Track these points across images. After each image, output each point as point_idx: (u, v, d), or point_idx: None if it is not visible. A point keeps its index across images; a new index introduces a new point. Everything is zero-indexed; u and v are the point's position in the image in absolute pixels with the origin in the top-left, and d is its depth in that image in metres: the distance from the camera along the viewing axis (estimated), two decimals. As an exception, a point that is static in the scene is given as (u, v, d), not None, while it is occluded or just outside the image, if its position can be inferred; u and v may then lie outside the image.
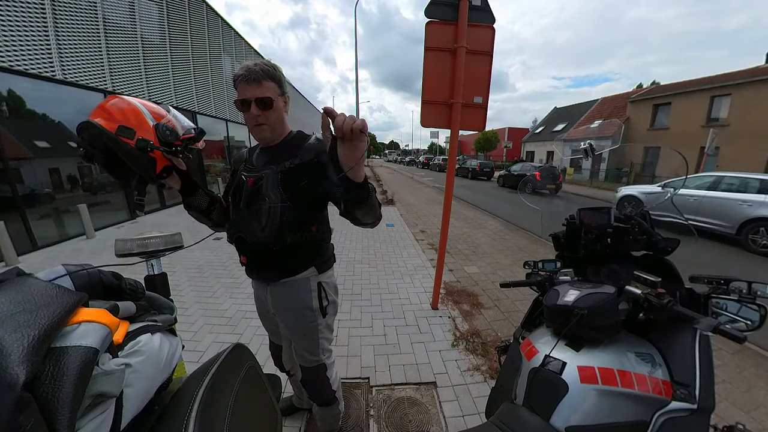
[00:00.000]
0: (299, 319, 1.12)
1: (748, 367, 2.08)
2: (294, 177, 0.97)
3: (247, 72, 0.90)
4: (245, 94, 0.92)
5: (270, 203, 0.97)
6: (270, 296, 1.14)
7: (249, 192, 1.01)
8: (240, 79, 0.91)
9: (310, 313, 1.11)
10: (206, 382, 0.49)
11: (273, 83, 0.94)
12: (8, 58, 4.22)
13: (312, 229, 1.04)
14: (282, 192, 0.97)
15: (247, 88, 0.91)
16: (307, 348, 1.17)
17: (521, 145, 29.06)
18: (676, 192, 1.17)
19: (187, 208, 1.04)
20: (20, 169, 4.43)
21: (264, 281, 1.12)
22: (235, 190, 1.06)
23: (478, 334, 2.33)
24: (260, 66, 0.91)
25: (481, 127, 2.42)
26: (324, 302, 1.13)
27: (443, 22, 2.12)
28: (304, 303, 1.10)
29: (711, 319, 0.68)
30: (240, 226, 1.03)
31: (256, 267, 1.09)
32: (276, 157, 1.01)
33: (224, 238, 4.80)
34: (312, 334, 1.14)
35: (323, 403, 1.28)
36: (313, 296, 1.10)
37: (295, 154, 1.00)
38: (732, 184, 5.35)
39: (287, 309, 1.13)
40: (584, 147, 1.24)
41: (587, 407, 0.68)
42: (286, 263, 1.04)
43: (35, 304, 0.35)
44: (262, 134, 1.00)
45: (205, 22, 9.52)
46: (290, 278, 1.07)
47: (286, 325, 1.18)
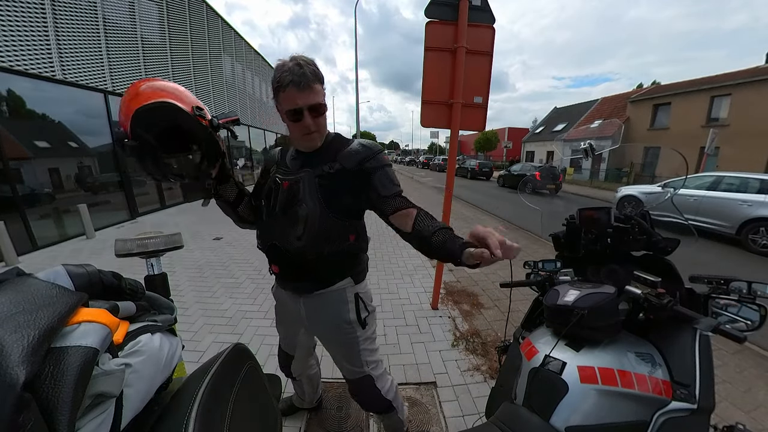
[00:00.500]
0: (336, 332, 1.07)
1: (748, 367, 2.08)
2: (333, 183, 0.90)
3: (297, 76, 0.79)
4: (296, 101, 0.82)
5: (307, 210, 0.90)
6: (303, 307, 1.07)
7: (284, 196, 0.94)
8: (288, 84, 0.80)
9: (348, 326, 1.05)
10: (206, 382, 0.49)
11: (321, 85, 0.85)
12: (8, 58, 4.22)
13: (350, 238, 0.97)
14: (320, 198, 0.90)
15: (299, 94, 0.81)
16: (347, 360, 1.11)
17: (521, 145, 29.05)
18: (676, 192, 1.17)
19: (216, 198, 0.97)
20: (20, 169, 4.43)
21: (297, 292, 1.05)
22: (269, 192, 0.99)
23: (478, 334, 2.33)
24: (307, 67, 0.81)
25: (481, 127, 2.42)
26: (363, 314, 1.06)
27: (443, 22, 2.12)
28: (341, 315, 1.04)
29: (711, 319, 0.68)
30: (274, 232, 0.96)
31: (289, 277, 1.03)
32: (313, 161, 0.93)
33: (224, 238, 4.76)
34: (351, 346, 1.08)
35: (378, 411, 1.22)
36: (350, 308, 1.04)
37: (334, 159, 0.92)
38: (732, 184, 5.35)
39: (323, 321, 1.07)
40: (584, 147, 1.24)
41: (587, 407, 0.68)
42: (322, 274, 0.98)
43: (35, 304, 0.35)
44: (313, 143, 0.92)
45: (205, 22, 9.52)
46: (325, 290, 1.01)
47: (321, 337, 1.13)
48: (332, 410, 1.65)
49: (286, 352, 1.32)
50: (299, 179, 0.93)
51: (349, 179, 0.91)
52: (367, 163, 0.90)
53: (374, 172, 0.90)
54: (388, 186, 0.90)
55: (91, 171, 5.68)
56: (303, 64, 0.81)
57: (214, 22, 10.07)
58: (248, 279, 3.36)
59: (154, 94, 0.71)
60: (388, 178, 0.91)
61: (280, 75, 0.80)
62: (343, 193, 0.91)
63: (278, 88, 0.82)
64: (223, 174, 0.92)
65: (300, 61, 0.81)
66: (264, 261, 4.27)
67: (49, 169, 4.89)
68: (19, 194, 4.32)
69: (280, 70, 0.81)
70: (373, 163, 0.91)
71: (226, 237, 5.03)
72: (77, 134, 5.34)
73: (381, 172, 0.91)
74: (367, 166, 0.90)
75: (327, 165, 0.92)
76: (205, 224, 6.00)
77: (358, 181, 0.91)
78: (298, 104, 0.82)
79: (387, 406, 1.19)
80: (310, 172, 0.92)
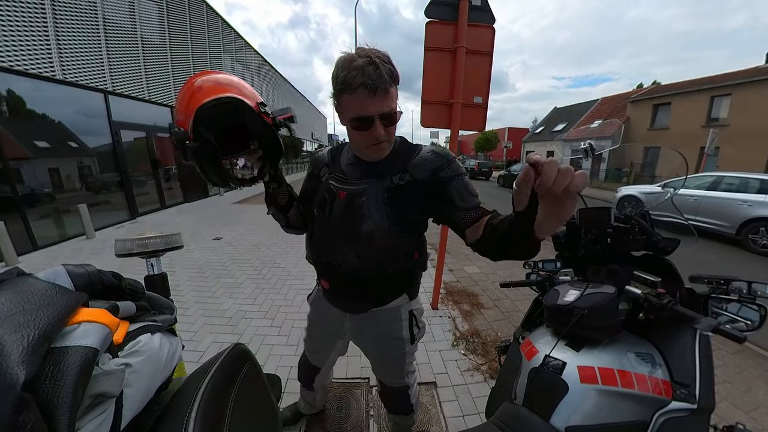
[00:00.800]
0: (385, 348, 1.01)
1: (748, 367, 2.08)
2: (403, 196, 0.80)
3: (371, 79, 0.65)
4: (367, 108, 0.69)
5: (373, 225, 0.79)
6: (349, 321, 1.00)
7: (342, 208, 0.82)
8: (358, 87, 0.66)
9: (398, 341, 0.99)
10: (206, 382, 0.49)
11: (397, 86, 0.73)
12: (8, 58, 4.22)
13: (415, 256, 0.89)
14: (388, 213, 0.80)
15: (371, 101, 0.68)
16: (391, 372, 1.08)
17: (521, 145, 29.06)
18: (676, 192, 1.17)
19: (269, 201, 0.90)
20: (20, 169, 4.43)
21: (347, 311, 0.98)
22: (322, 201, 0.87)
23: (478, 334, 2.33)
24: (384, 66, 0.67)
25: (481, 127, 2.42)
26: (414, 330, 1.00)
27: (443, 22, 2.12)
28: (393, 333, 0.97)
29: (711, 319, 0.68)
30: (329, 248, 0.86)
31: (340, 296, 0.95)
32: (378, 170, 0.82)
33: (224, 238, 4.74)
34: (397, 360, 1.03)
35: (398, 412, 1.21)
36: (403, 325, 0.97)
37: (404, 168, 0.81)
38: (732, 184, 5.36)
39: (370, 337, 1.01)
40: (584, 147, 1.24)
41: (587, 407, 0.68)
42: (380, 294, 0.90)
43: (35, 304, 0.35)
44: (381, 154, 0.80)
45: (205, 22, 9.52)
46: (379, 308, 0.94)
47: (365, 349, 1.09)
48: (332, 410, 1.65)
49: (314, 365, 1.23)
50: (363, 191, 0.81)
51: (422, 191, 0.80)
52: (441, 172, 0.80)
53: (450, 181, 0.79)
54: (467, 197, 0.79)
55: (91, 171, 5.68)
56: (379, 63, 0.66)
57: (214, 22, 10.07)
58: (248, 279, 3.36)
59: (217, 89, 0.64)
60: (467, 189, 0.80)
61: (348, 74, 0.66)
62: (413, 207, 0.81)
63: (343, 89, 0.69)
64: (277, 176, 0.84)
65: (374, 58, 0.67)
66: (264, 261, 4.25)
67: (49, 169, 4.89)
68: (19, 194, 4.32)
69: (348, 68, 0.67)
70: (449, 172, 0.80)
71: (226, 237, 5.03)
72: (77, 134, 5.34)
73: (457, 182, 0.80)
74: (442, 176, 0.80)
75: (397, 176, 0.81)
76: (205, 224, 6.00)
77: (430, 192, 0.80)
78: (369, 112, 0.70)
79: (410, 409, 1.19)
80: (376, 183, 0.81)
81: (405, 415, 1.22)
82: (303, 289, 3.11)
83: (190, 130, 0.62)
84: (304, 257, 1.02)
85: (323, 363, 1.22)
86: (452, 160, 0.83)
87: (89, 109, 5.61)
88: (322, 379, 1.30)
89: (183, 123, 0.63)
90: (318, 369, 1.24)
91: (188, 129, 0.62)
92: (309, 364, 1.25)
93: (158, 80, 7.31)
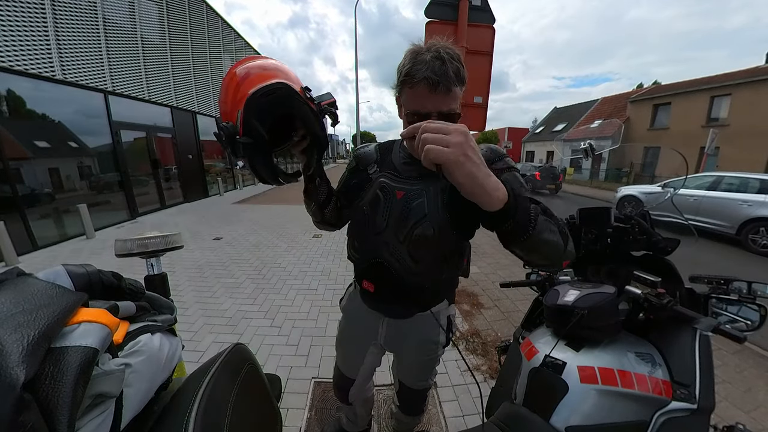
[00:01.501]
0: (419, 351, 0.98)
1: (748, 367, 2.08)
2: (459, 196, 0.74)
3: (435, 74, 0.63)
4: (424, 104, 0.67)
5: (433, 228, 0.74)
6: (385, 329, 0.97)
7: (400, 208, 0.77)
8: (420, 81, 0.64)
9: (434, 346, 0.96)
10: (206, 382, 0.49)
11: (461, 88, 0.69)
12: (8, 58, 4.22)
13: (464, 261, 0.87)
14: (449, 215, 0.75)
15: (430, 97, 0.65)
16: (420, 376, 1.05)
17: (521, 145, 29.06)
18: (676, 192, 1.17)
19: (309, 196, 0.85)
20: (20, 169, 4.43)
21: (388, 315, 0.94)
22: (374, 200, 0.81)
23: (478, 334, 2.33)
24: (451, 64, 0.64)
25: (481, 127, 2.42)
26: (450, 334, 0.97)
27: (443, 22, 2.12)
28: (430, 338, 0.95)
29: (711, 319, 0.68)
30: (382, 249, 0.80)
31: (385, 300, 0.90)
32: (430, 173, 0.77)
33: (224, 238, 4.73)
34: (429, 364, 1.02)
35: (411, 413, 1.18)
36: (441, 330, 0.94)
37: None
38: (732, 184, 5.36)
39: (406, 341, 0.97)
40: (584, 147, 1.25)
41: (587, 407, 0.68)
42: (426, 299, 0.87)
43: (35, 304, 0.35)
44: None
45: (205, 22, 9.53)
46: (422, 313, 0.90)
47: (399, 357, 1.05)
48: (332, 410, 1.65)
49: (347, 376, 1.14)
50: (421, 191, 0.76)
51: None
52: (494, 164, 0.74)
53: (502, 172, 0.72)
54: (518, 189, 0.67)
55: (91, 171, 5.68)
56: (446, 59, 0.64)
57: (214, 22, 10.07)
58: (248, 279, 3.36)
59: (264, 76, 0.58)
60: (519, 182, 0.73)
61: (412, 67, 0.65)
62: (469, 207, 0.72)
63: (406, 81, 0.67)
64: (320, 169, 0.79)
65: (443, 53, 0.64)
66: (264, 261, 4.25)
67: (49, 169, 4.90)
68: (19, 194, 4.32)
69: (414, 61, 0.65)
70: (501, 165, 0.75)
71: (226, 237, 5.03)
72: (77, 134, 5.34)
73: (510, 175, 0.73)
74: (495, 167, 0.73)
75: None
76: (205, 224, 6.00)
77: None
78: (427, 108, 0.67)
79: (421, 410, 1.18)
80: (435, 184, 0.76)
81: (416, 416, 1.20)
82: (303, 289, 3.11)
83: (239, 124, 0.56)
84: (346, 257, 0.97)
85: (356, 373, 1.11)
86: (504, 156, 0.79)
87: (89, 109, 5.61)
88: (358, 392, 1.17)
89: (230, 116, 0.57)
90: (351, 380, 1.14)
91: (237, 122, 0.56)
92: (341, 375, 1.16)
93: (158, 80, 7.31)
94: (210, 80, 9.74)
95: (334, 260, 3.90)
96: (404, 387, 1.09)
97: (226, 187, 10.73)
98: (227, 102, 0.59)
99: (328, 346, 2.19)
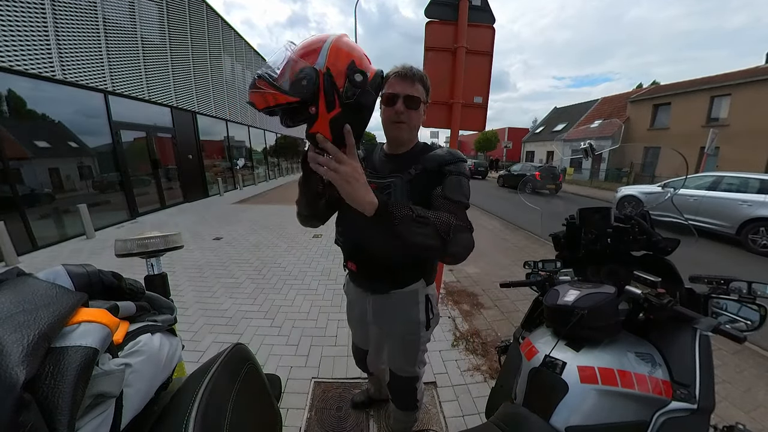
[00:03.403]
0: (401, 331, 1.10)
1: (748, 367, 2.08)
2: (418, 185, 0.92)
3: (403, 69, 0.89)
4: (395, 88, 0.88)
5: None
6: (371, 306, 1.11)
7: None
8: (394, 74, 0.89)
9: (415, 325, 1.08)
10: (206, 382, 0.49)
11: (423, 89, 0.91)
12: (8, 58, 4.22)
13: None
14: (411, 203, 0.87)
15: (400, 83, 0.88)
16: (405, 360, 1.15)
17: (521, 145, 29.05)
18: (676, 192, 1.17)
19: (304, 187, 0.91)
20: (20, 169, 4.43)
21: (370, 291, 1.09)
22: None
23: (478, 334, 2.33)
24: (416, 70, 0.90)
25: (481, 127, 2.42)
26: (429, 315, 1.09)
27: (443, 22, 2.12)
28: (411, 316, 1.07)
29: (711, 319, 0.68)
30: (361, 233, 0.97)
31: (366, 276, 1.06)
32: (402, 166, 0.95)
33: (224, 238, 4.75)
34: (412, 345, 1.12)
35: (404, 408, 1.27)
36: (420, 309, 1.07)
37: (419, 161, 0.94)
38: (732, 184, 5.36)
39: (391, 320, 1.10)
40: (584, 147, 1.25)
41: (587, 407, 0.68)
42: (399, 275, 1.01)
43: (35, 304, 0.35)
44: (400, 133, 0.94)
45: (205, 22, 9.52)
46: (399, 290, 1.04)
47: (386, 335, 1.16)
48: (332, 410, 1.65)
49: (360, 347, 1.38)
50: (390, 184, 0.94)
51: (429, 179, 0.90)
52: (447, 166, 0.90)
53: (450, 174, 0.89)
54: (456, 191, 0.87)
55: (91, 171, 5.68)
56: (413, 67, 0.90)
57: (214, 22, 10.07)
58: (248, 279, 3.36)
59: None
60: (461, 186, 0.88)
61: (390, 71, 0.89)
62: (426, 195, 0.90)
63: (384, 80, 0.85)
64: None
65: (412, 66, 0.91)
66: (264, 261, 4.26)
67: (49, 169, 4.89)
68: (19, 194, 4.32)
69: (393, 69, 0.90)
70: (453, 168, 0.90)
71: (226, 237, 5.03)
72: (77, 134, 5.34)
73: (456, 178, 0.89)
74: (446, 169, 0.90)
75: (413, 168, 0.94)
76: (205, 224, 6.00)
77: (433, 181, 0.90)
78: (396, 90, 0.88)
79: (414, 404, 1.27)
80: (401, 177, 0.93)
81: (410, 411, 1.28)
82: (303, 289, 3.11)
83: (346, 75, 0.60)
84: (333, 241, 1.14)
85: (367, 345, 1.33)
86: (462, 161, 0.92)
87: (89, 109, 5.61)
88: (374, 361, 1.37)
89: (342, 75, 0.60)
90: (364, 351, 1.37)
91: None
92: (356, 347, 1.41)
93: (158, 80, 7.31)
94: (210, 80, 9.74)
95: (334, 260, 3.90)
96: (393, 376, 1.20)
97: (226, 187, 10.73)
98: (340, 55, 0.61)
99: (328, 346, 2.19)
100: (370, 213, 0.67)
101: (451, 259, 0.79)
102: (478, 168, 19.78)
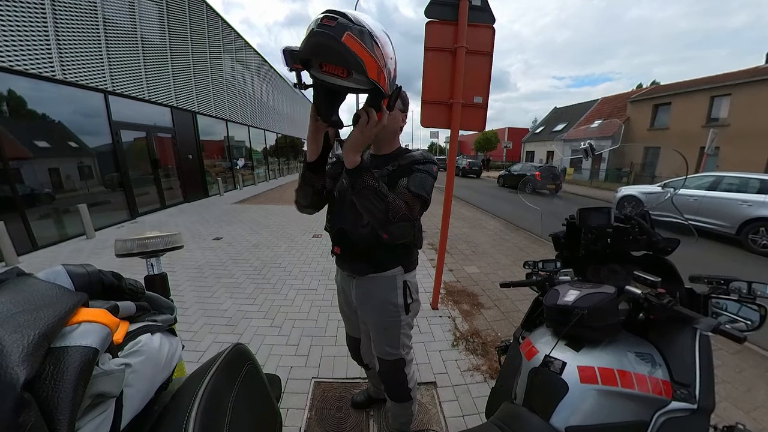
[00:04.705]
0: (382, 314, 1.17)
1: (748, 367, 2.08)
2: (393, 180, 1.03)
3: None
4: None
5: None
6: (354, 289, 1.20)
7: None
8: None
9: (394, 308, 1.16)
10: (206, 383, 0.49)
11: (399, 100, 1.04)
12: (8, 58, 4.22)
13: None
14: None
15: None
16: (387, 342, 1.21)
17: (521, 145, 29.04)
18: (676, 192, 1.17)
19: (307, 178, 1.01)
20: (20, 169, 4.43)
21: (352, 273, 1.18)
22: (342, 186, 1.11)
23: (478, 334, 2.33)
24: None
25: (481, 127, 2.42)
26: (408, 300, 1.17)
27: (443, 22, 2.12)
28: (389, 299, 1.15)
29: (711, 319, 0.68)
30: (344, 219, 1.09)
31: (348, 259, 1.16)
32: (383, 163, 1.08)
33: (224, 238, 4.77)
34: (393, 329, 1.19)
35: (398, 399, 1.32)
36: (398, 293, 1.15)
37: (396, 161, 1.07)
38: (732, 184, 5.35)
39: (371, 303, 1.18)
40: (584, 147, 1.25)
41: (587, 407, 0.68)
42: (378, 259, 1.10)
43: (35, 304, 0.35)
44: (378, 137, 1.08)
45: (205, 22, 9.52)
46: (378, 274, 1.13)
47: (368, 318, 1.22)
48: (332, 410, 1.65)
49: (351, 335, 1.44)
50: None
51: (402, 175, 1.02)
52: (417, 165, 1.02)
53: (417, 171, 1.00)
54: (418, 186, 0.97)
55: (91, 171, 5.67)
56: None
57: (214, 22, 10.06)
58: (248, 279, 3.36)
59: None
60: (422, 182, 0.98)
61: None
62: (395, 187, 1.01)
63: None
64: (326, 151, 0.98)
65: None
66: (264, 261, 4.26)
67: (49, 169, 4.89)
68: (19, 194, 4.32)
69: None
70: (421, 167, 1.01)
71: (226, 237, 5.03)
72: (77, 134, 5.34)
73: (422, 175, 0.99)
74: (416, 167, 1.01)
75: (391, 165, 1.07)
76: (205, 224, 6.00)
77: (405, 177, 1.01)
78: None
79: (407, 394, 1.30)
80: (379, 172, 1.05)
81: (404, 402, 1.31)
82: (303, 289, 3.11)
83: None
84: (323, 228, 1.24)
85: (358, 332, 1.39)
86: (432, 162, 1.04)
87: (89, 109, 5.60)
88: (367, 353, 1.42)
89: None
90: (357, 339, 1.43)
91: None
92: (348, 336, 1.47)
93: (158, 80, 7.31)
94: (210, 80, 9.73)
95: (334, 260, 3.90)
96: (380, 362, 1.26)
97: (226, 187, 10.72)
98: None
99: (328, 346, 2.19)
100: (350, 166, 0.83)
101: (389, 237, 0.91)
102: (472, 167, 20.52)
